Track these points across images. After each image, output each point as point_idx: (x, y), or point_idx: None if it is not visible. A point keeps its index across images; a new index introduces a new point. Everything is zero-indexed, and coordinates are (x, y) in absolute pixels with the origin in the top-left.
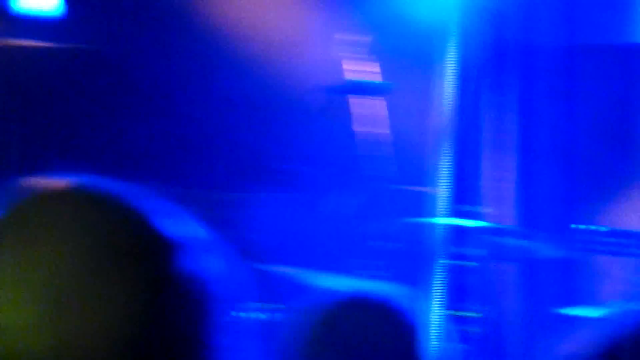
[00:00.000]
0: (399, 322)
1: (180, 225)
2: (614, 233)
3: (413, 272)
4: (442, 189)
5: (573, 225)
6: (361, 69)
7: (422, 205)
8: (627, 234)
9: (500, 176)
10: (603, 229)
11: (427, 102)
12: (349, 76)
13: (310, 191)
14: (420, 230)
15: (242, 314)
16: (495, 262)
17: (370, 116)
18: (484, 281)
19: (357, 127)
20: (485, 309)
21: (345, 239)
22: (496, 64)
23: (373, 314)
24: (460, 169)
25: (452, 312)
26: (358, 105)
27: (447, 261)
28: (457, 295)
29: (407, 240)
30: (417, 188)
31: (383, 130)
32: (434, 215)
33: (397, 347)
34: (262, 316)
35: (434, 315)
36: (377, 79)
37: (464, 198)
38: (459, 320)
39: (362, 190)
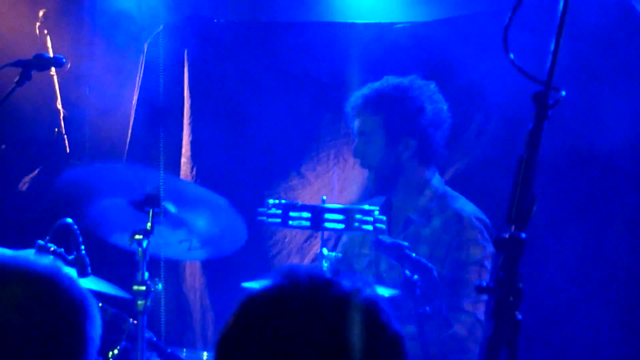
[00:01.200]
0: (51, 294)
1: None
2: (302, 207)
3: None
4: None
5: (270, 200)
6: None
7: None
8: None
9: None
10: (295, 203)
11: (124, 82)
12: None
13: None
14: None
15: None
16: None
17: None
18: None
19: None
20: (152, 283)
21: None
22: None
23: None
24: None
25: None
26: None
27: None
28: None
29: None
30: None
31: (76, 106)
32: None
33: (51, 321)
34: None
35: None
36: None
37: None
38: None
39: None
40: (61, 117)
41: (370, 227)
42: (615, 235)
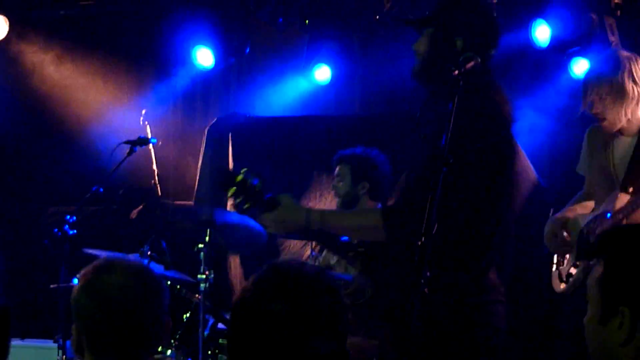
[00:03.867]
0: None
1: None
2: None
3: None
4: None
5: None
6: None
7: None
8: None
9: None
10: None
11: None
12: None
13: None
14: None
15: None
16: None
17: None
18: None
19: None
20: (210, 273)
21: None
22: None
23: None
24: None
25: None
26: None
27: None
28: None
29: None
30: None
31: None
32: None
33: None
34: None
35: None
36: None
37: None
38: None
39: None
40: (155, 174)
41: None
42: None
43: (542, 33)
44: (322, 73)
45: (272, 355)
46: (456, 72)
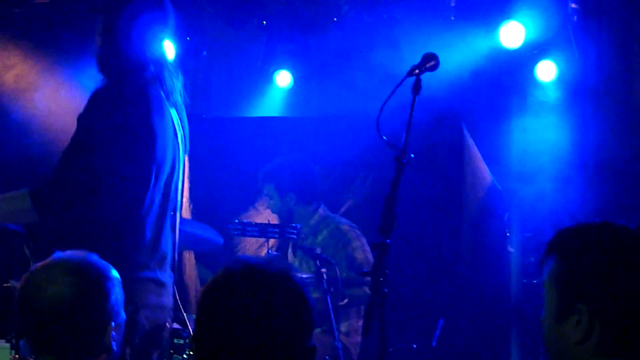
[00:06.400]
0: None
1: None
2: (255, 225)
3: None
4: None
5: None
6: None
7: None
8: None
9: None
10: (250, 222)
11: None
12: None
13: None
14: None
15: None
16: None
17: None
18: None
19: None
20: None
21: None
22: None
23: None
24: None
25: None
26: None
27: None
28: None
29: None
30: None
31: None
32: None
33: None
34: None
35: None
36: None
37: None
38: None
39: None
40: None
41: (294, 236)
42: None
43: (511, 34)
44: (283, 78)
45: (238, 348)
46: (417, 71)
